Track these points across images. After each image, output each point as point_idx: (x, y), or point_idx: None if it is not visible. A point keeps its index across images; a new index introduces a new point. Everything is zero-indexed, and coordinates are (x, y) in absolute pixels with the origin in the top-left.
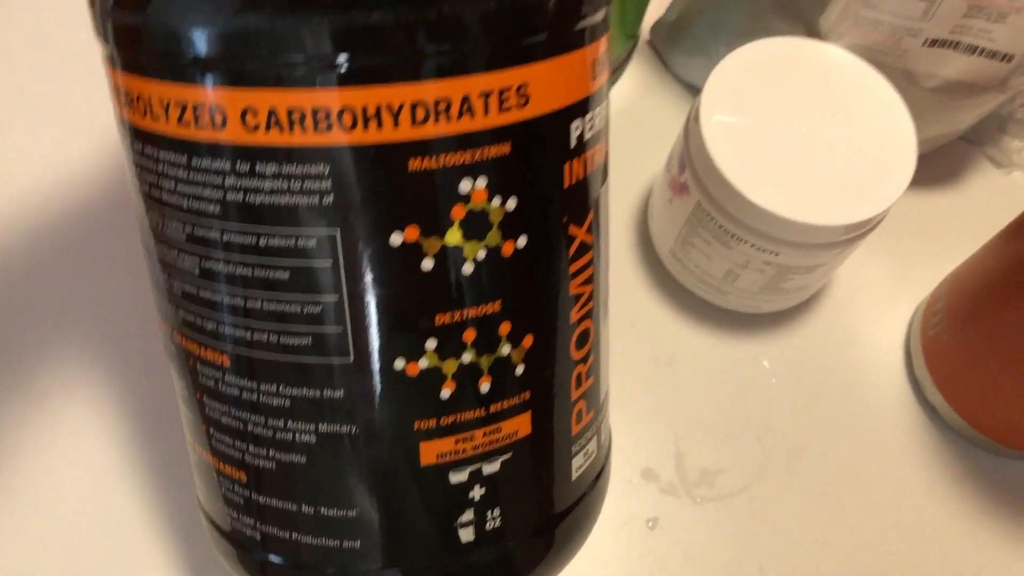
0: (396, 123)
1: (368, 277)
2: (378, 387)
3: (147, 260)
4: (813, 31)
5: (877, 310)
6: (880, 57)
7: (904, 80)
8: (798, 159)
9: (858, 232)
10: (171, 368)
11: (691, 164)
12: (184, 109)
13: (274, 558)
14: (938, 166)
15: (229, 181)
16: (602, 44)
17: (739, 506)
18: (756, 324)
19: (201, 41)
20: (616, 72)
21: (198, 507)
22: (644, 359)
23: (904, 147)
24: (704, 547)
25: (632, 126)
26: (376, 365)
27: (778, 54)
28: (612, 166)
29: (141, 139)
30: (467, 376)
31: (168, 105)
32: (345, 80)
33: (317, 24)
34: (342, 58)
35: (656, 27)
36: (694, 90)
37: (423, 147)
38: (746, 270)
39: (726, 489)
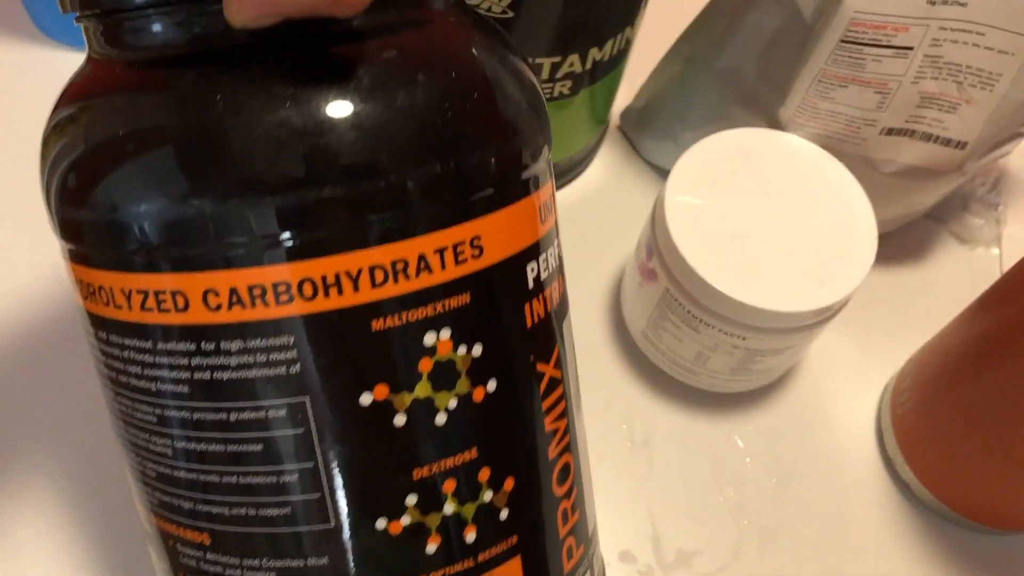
0: (356, 287)
1: (341, 440)
2: (362, 549)
3: (119, 445)
4: (774, 121)
5: (848, 387)
6: (839, 145)
7: (864, 166)
8: (762, 246)
9: (823, 317)
10: (151, 551)
11: (658, 251)
12: (146, 296)
13: None
14: (903, 243)
15: (195, 361)
16: (548, 188)
17: None
18: (729, 403)
19: (154, 230)
20: (588, 156)
21: None
22: (619, 440)
23: (864, 232)
24: None
25: (604, 208)
26: (358, 528)
27: (741, 144)
28: (585, 250)
29: (105, 328)
30: (451, 527)
31: (129, 293)
32: (301, 253)
33: (265, 206)
34: (295, 234)
35: (625, 113)
36: (663, 172)
37: (384, 307)
38: (716, 353)
39: (702, 570)
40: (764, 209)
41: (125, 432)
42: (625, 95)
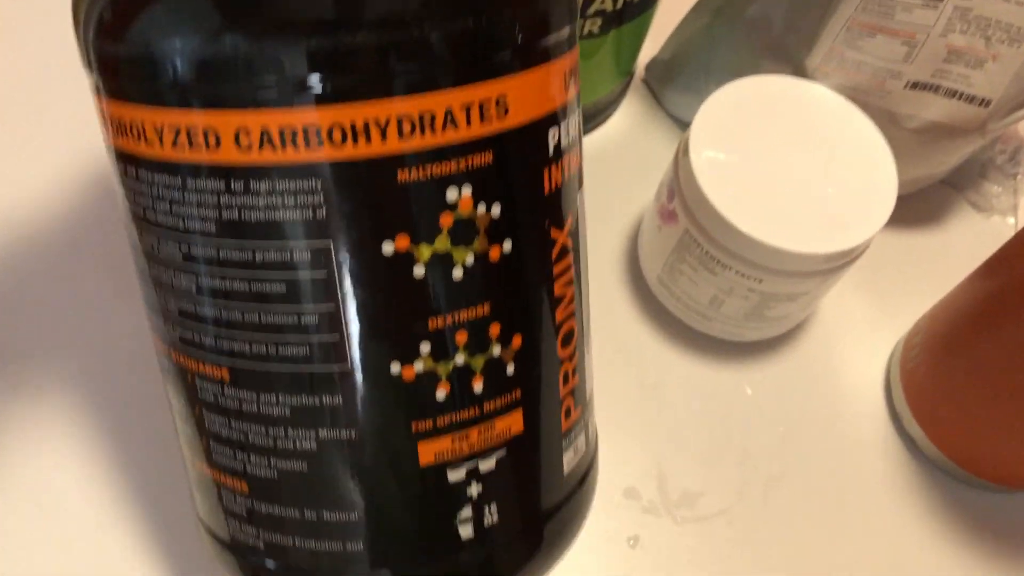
0: (384, 137)
1: (362, 286)
2: (375, 392)
3: (140, 282)
4: (800, 71)
5: (858, 343)
6: (864, 97)
7: (887, 121)
8: (782, 191)
9: (839, 262)
10: (167, 387)
11: (679, 192)
12: (177, 133)
13: (275, 564)
14: (920, 208)
15: (224, 200)
16: (573, 57)
17: (718, 528)
18: (740, 352)
19: (187, 66)
20: (611, 105)
21: (197, 521)
22: (630, 383)
23: (885, 182)
24: (683, 567)
25: (624, 159)
26: (373, 371)
27: (766, 91)
28: (604, 198)
29: (134, 164)
30: (461, 377)
31: (161, 130)
32: (332, 99)
33: (297, 46)
34: (326, 78)
35: (651, 65)
36: (685, 126)
37: (410, 159)
38: (731, 297)
39: (706, 511)
40: (787, 154)
41: (149, 268)
42: (651, 48)
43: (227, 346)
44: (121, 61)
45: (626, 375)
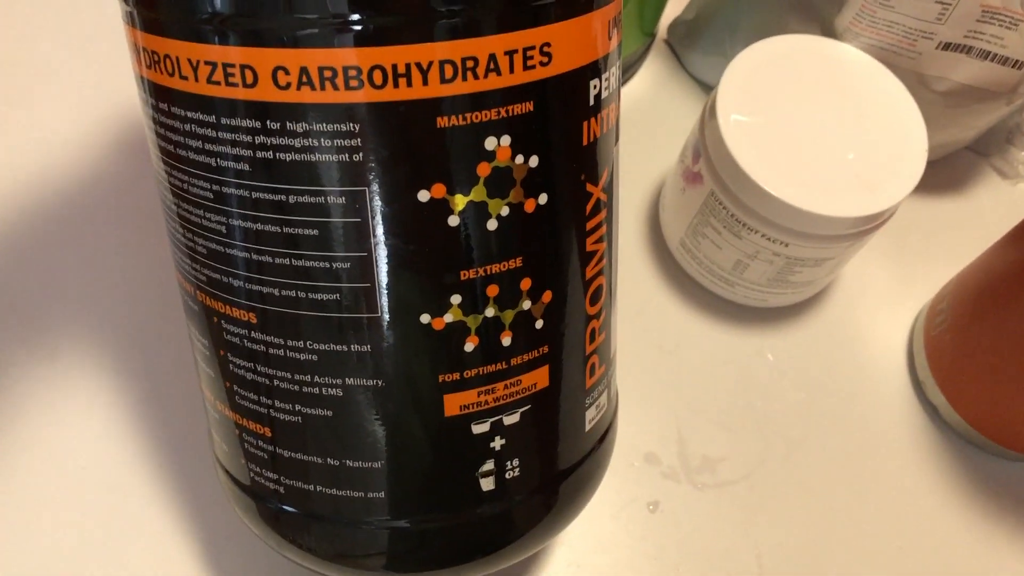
0: (425, 81)
1: (396, 234)
2: (404, 341)
3: (167, 220)
4: (829, 31)
5: (881, 310)
6: (893, 59)
7: (915, 83)
8: (811, 153)
9: (866, 226)
10: (191, 327)
11: (705, 153)
12: (214, 68)
13: (294, 509)
14: (946, 175)
15: (259, 139)
16: (617, 5)
17: (739, 494)
18: (762, 317)
19: (229, 1)
20: (632, 67)
21: (214, 462)
22: (650, 347)
23: (914, 146)
24: (703, 532)
25: (646, 121)
26: (403, 320)
27: (793, 50)
28: (624, 161)
29: (166, 99)
30: (490, 330)
31: (197, 64)
32: (373, 39)
33: None
34: (367, 17)
35: (673, 26)
36: (709, 88)
37: (450, 104)
38: (755, 261)
39: (726, 476)
40: (815, 116)
41: (177, 207)
42: (674, 8)
43: (256, 289)
44: None
45: (646, 340)
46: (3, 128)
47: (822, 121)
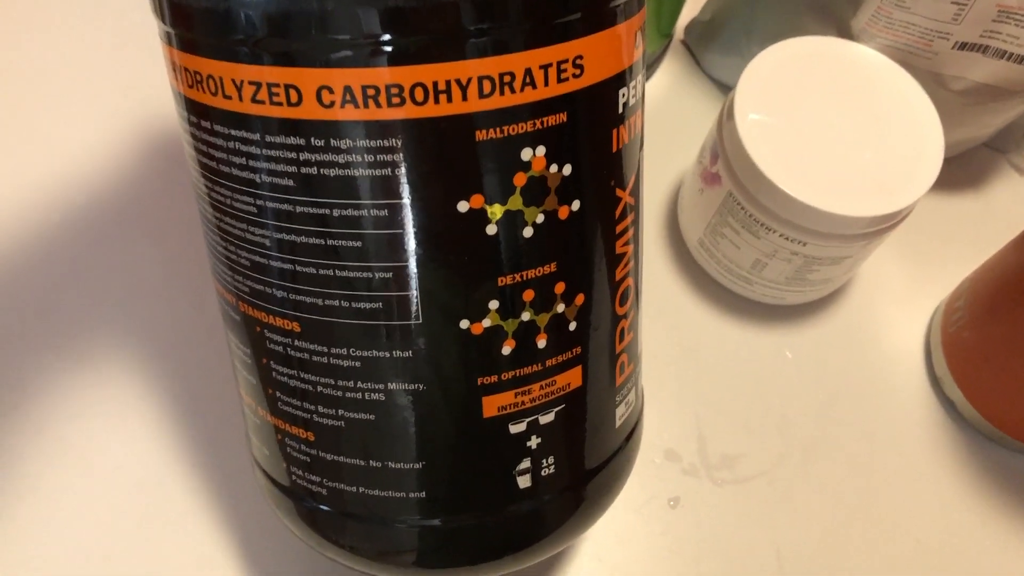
0: (464, 96)
1: (436, 243)
2: (445, 346)
3: (207, 232)
4: (845, 32)
5: (899, 308)
6: (909, 59)
7: (932, 83)
8: (828, 154)
9: (883, 225)
10: (230, 335)
11: (723, 154)
12: (257, 88)
13: (332, 509)
14: (963, 172)
15: (304, 156)
16: (642, 15)
17: (758, 490)
18: (780, 316)
19: (273, 23)
20: (650, 69)
21: (252, 463)
22: (670, 346)
23: (931, 146)
24: (723, 527)
25: (664, 122)
26: (443, 326)
27: (810, 52)
28: (644, 160)
29: (208, 116)
30: (526, 334)
31: (241, 84)
32: (416, 58)
33: (383, 6)
34: (412, 38)
35: (690, 27)
36: (726, 89)
37: (489, 118)
38: (773, 260)
39: (746, 473)
40: (832, 116)
41: (219, 220)
42: (691, 9)
43: (299, 300)
44: (197, 14)
45: (666, 338)
46: (34, 136)
47: (839, 122)
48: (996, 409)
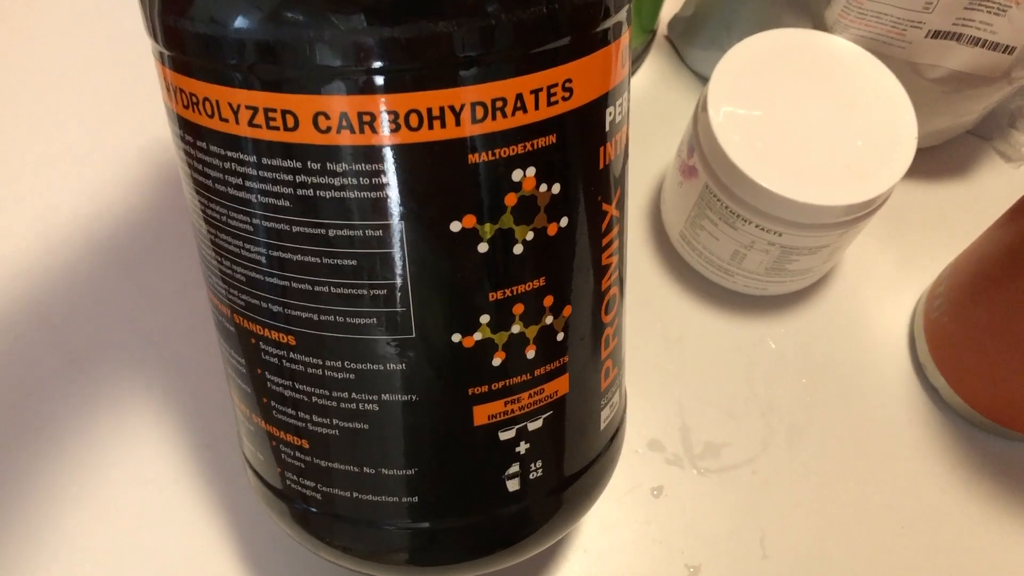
0: (458, 121)
1: (429, 262)
2: (437, 359)
3: (201, 246)
4: (820, 23)
5: (882, 296)
6: (884, 49)
7: (909, 72)
8: (801, 144)
9: (858, 214)
10: (225, 345)
11: (699, 147)
12: (254, 112)
13: (322, 512)
14: (948, 159)
15: (300, 178)
16: (627, 35)
17: (742, 478)
18: (763, 306)
19: (268, 51)
20: (633, 65)
21: (244, 464)
22: (654, 337)
23: (905, 134)
24: (707, 516)
25: (647, 117)
26: (436, 340)
27: (784, 44)
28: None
29: (204, 137)
30: (516, 345)
31: (238, 108)
32: (412, 85)
33: (378, 35)
34: (407, 67)
35: (672, 22)
36: (707, 82)
37: (481, 142)
38: (752, 251)
39: (729, 462)
40: (805, 107)
41: (214, 236)
42: (672, 5)
43: (295, 315)
44: (192, 38)
45: (650, 330)
46: (42, 164)
47: (812, 112)
48: (978, 394)
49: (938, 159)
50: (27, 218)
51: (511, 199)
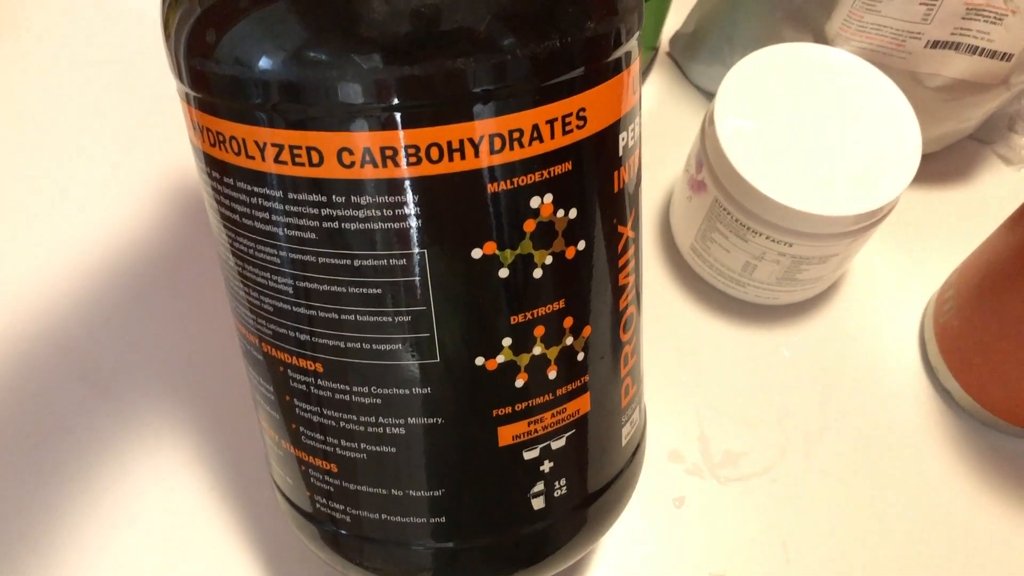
0: (477, 153)
1: (452, 288)
2: (461, 382)
3: (228, 277)
4: (821, 37)
5: (892, 301)
6: (885, 59)
7: (909, 81)
8: (808, 155)
9: (867, 222)
10: (253, 373)
11: (707, 162)
12: (280, 150)
13: (359, 535)
14: (950, 164)
15: (325, 211)
16: (637, 62)
17: (762, 486)
18: (775, 315)
19: (292, 91)
20: None
21: (273, 488)
22: (669, 350)
23: (909, 142)
24: (729, 524)
25: (653, 132)
26: (460, 363)
27: (788, 58)
28: None
29: (231, 174)
30: (537, 367)
31: (264, 146)
32: (431, 120)
33: (397, 74)
34: (427, 103)
35: (675, 39)
36: (711, 97)
37: (500, 171)
38: (763, 262)
39: (749, 470)
40: (811, 120)
41: (241, 268)
42: (674, 22)
43: (321, 343)
44: (218, 80)
45: (664, 343)
46: (65, 197)
47: (818, 124)
48: (990, 395)
49: (940, 164)
50: (48, 244)
51: (530, 225)
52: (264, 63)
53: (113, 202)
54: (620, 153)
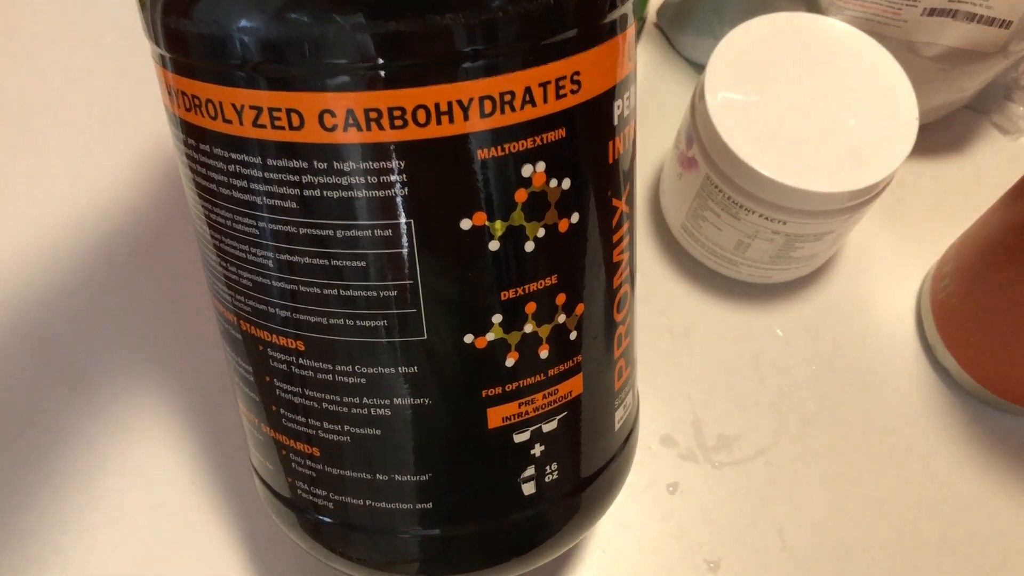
0: (466, 116)
1: (440, 261)
2: (449, 361)
3: (205, 251)
4: (814, 6)
5: (888, 277)
6: (881, 28)
7: (905, 51)
8: (802, 130)
9: (862, 199)
10: (231, 353)
11: (698, 138)
12: (259, 112)
13: (341, 522)
14: (946, 135)
15: (306, 179)
16: (633, 28)
17: (756, 470)
18: (769, 294)
19: (272, 49)
20: None
21: (251, 471)
22: (661, 332)
23: (906, 116)
24: (724, 509)
25: (642, 106)
26: (448, 341)
27: (780, 28)
28: None
29: (207, 140)
30: (529, 345)
31: (241, 108)
32: (418, 80)
33: (383, 30)
34: (413, 61)
35: (662, 9)
36: (700, 69)
37: (490, 137)
38: (755, 240)
39: (743, 454)
40: (804, 93)
41: (218, 241)
42: None
43: (303, 319)
44: (195, 40)
45: (656, 324)
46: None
47: (811, 97)
48: (988, 372)
49: (935, 135)
50: (22, 224)
51: (521, 195)
52: (244, 21)
53: (87, 185)
54: (615, 122)
